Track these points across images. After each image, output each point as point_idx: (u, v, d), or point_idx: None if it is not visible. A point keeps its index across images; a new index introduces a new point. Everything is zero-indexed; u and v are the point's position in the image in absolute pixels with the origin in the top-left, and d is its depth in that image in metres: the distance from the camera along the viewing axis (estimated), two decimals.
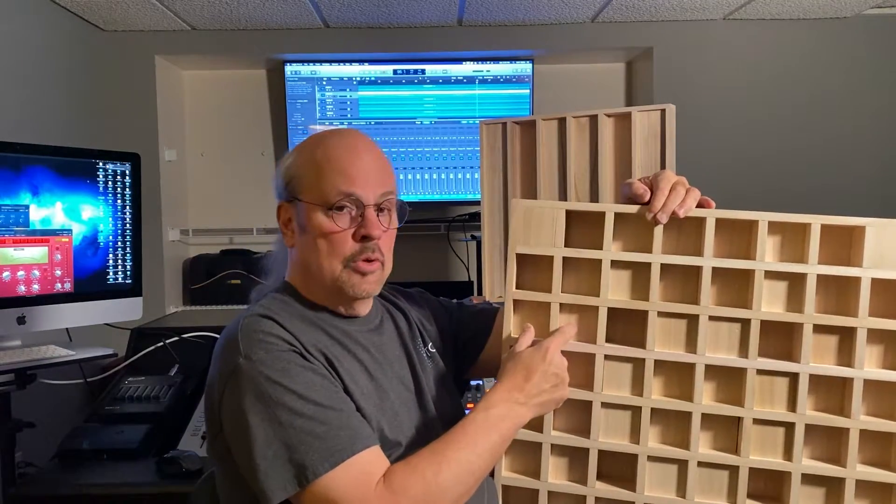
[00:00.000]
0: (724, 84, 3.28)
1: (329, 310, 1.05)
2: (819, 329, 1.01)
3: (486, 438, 0.94)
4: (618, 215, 1.03)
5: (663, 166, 2.14)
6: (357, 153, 1.01)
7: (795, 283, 1.02)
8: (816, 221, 1.00)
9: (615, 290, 1.05)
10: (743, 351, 1.03)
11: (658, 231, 1.02)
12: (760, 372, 1.03)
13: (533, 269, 1.07)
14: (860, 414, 1.01)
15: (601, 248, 1.03)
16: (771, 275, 1.02)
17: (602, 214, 1.03)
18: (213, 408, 0.96)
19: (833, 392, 1.03)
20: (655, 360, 1.04)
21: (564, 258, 1.05)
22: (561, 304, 1.05)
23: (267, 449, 0.88)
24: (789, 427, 1.02)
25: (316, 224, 0.99)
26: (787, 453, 1.03)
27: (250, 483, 0.90)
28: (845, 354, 1.02)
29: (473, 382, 1.85)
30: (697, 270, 1.03)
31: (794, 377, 1.02)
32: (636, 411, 1.05)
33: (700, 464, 1.04)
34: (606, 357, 1.05)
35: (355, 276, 1.00)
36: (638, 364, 1.05)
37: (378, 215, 1.01)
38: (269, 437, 0.88)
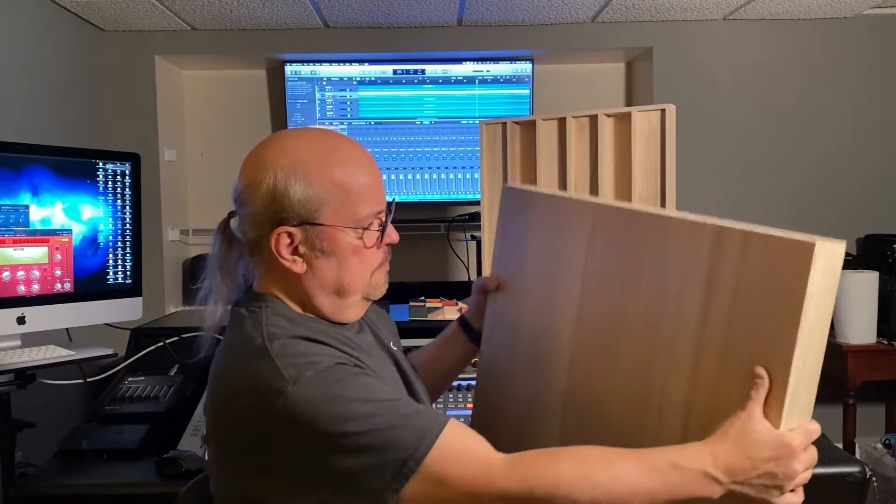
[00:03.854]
0: (724, 84, 3.28)
1: (324, 320, 1.03)
2: None
3: (649, 476, 0.83)
4: None
5: (663, 166, 2.14)
6: (369, 167, 1.02)
7: None
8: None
9: None
10: None
11: None
12: None
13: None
14: None
15: None
16: None
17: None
18: (253, 447, 0.90)
19: None
20: None
21: None
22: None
23: (356, 459, 0.85)
24: None
25: (348, 245, 1.00)
26: None
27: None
28: None
29: (465, 383, 1.84)
30: None
31: None
32: None
33: None
34: None
35: (382, 278, 1.06)
36: None
37: None
38: (354, 451, 0.85)
